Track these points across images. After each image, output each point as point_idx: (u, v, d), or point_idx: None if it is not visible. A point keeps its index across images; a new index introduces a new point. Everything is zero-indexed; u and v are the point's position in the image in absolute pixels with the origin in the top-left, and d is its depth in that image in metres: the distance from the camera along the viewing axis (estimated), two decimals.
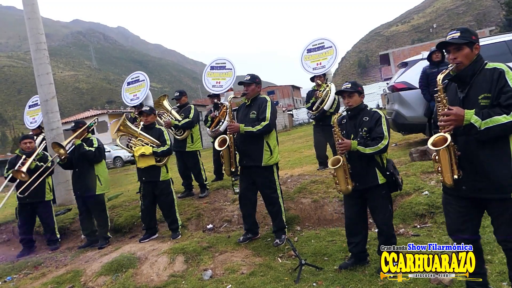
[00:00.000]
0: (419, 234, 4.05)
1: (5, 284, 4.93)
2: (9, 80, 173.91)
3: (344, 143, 3.28)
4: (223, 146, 4.33)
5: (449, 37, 2.47)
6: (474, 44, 2.42)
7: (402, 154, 6.63)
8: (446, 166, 2.35)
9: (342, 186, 3.35)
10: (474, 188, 2.38)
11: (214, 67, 7.40)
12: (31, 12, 8.13)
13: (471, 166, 2.37)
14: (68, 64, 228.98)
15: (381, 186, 3.34)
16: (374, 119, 3.37)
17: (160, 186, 5.25)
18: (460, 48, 2.41)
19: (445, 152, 2.33)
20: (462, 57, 2.41)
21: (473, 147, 2.34)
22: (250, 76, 4.53)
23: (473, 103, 2.35)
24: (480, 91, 2.35)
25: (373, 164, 3.34)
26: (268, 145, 4.40)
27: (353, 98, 3.46)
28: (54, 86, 8.33)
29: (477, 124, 2.22)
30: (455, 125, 2.28)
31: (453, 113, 2.27)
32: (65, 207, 7.55)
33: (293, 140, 16.19)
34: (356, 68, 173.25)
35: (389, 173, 3.34)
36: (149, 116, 5.34)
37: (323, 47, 7.08)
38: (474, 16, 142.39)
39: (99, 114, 31.84)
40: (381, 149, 3.25)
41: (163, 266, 4.23)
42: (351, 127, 3.47)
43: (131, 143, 5.18)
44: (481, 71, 2.39)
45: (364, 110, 3.49)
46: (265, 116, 4.33)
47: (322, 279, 3.41)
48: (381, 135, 3.27)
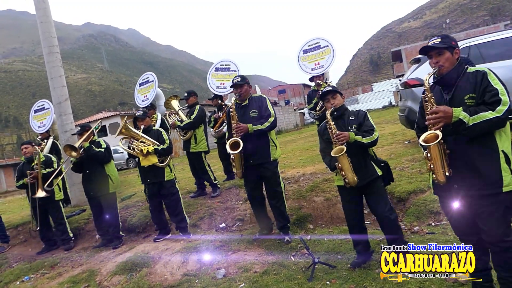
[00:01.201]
0: (434, 232, 4.00)
1: (23, 284, 5.03)
2: (23, 84, 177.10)
3: (343, 134, 3.34)
4: (236, 149, 4.26)
5: (430, 42, 2.62)
6: (454, 49, 2.57)
7: (416, 151, 6.55)
8: (438, 163, 2.44)
9: (349, 177, 3.33)
10: (465, 185, 2.45)
11: (218, 68, 7.42)
12: (43, 16, 8.25)
13: (462, 164, 2.45)
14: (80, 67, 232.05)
15: (379, 178, 3.48)
16: (361, 116, 3.56)
17: (166, 185, 5.29)
18: (441, 52, 2.56)
19: (436, 149, 2.40)
20: (443, 61, 2.55)
21: (462, 144, 2.44)
22: (241, 78, 4.66)
23: (459, 103, 2.46)
24: (465, 92, 2.47)
25: (369, 158, 3.49)
26: (272, 140, 4.54)
27: (336, 98, 3.61)
28: (67, 89, 8.44)
29: (465, 120, 2.31)
30: (445, 122, 2.36)
31: (442, 111, 2.36)
32: (80, 207, 7.65)
33: (305, 139, 16.13)
34: (367, 65, 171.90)
35: (383, 164, 3.51)
36: (144, 120, 5.42)
37: (319, 47, 7.04)
38: (488, 10, 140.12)
39: (112, 116, 32.12)
40: (375, 139, 3.41)
41: (177, 265, 4.26)
42: (340, 127, 3.51)
43: (133, 145, 5.24)
44: (464, 74, 2.53)
45: (347, 110, 3.65)
46: (270, 112, 4.48)
47: (335, 277, 3.40)
48: (372, 127, 3.45)
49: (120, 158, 23.68)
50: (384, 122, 14.51)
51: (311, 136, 16.75)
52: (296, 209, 5.33)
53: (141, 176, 5.45)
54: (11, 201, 16.14)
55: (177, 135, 6.88)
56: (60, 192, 6.34)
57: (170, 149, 5.35)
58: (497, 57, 5.99)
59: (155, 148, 5.17)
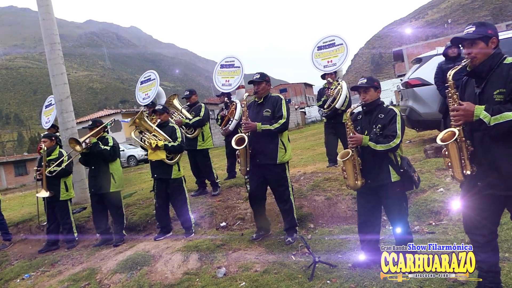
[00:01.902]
0: (435, 232, 4.00)
1: (23, 281, 5.03)
2: (25, 81, 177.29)
3: (355, 137, 3.26)
4: (241, 145, 4.26)
5: (464, 31, 2.45)
6: (491, 38, 2.38)
7: (417, 151, 6.55)
8: (456, 161, 2.37)
9: (350, 181, 3.33)
10: (489, 184, 2.36)
11: (224, 65, 7.38)
12: (45, 13, 8.25)
13: (487, 162, 2.35)
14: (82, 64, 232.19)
15: (395, 184, 3.28)
16: (389, 117, 3.32)
17: (172, 184, 5.28)
18: (474, 43, 2.39)
19: (454, 146, 2.34)
20: (476, 52, 2.38)
21: (488, 142, 2.33)
22: (260, 75, 4.52)
23: (488, 98, 2.34)
24: (495, 87, 2.31)
25: (387, 161, 3.30)
26: (283, 143, 4.42)
27: (368, 93, 3.41)
28: (69, 86, 8.45)
29: (486, 120, 2.22)
30: (465, 120, 2.28)
31: (462, 109, 2.27)
32: (81, 205, 7.66)
33: (306, 138, 16.13)
34: (369, 65, 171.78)
35: (403, 171, 3.26)
36: (162, 115, 5.42)
37: (333, 45, 7.01)
38: (490, 10, 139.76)
39: (113, 114, 32.16)
40: (392, 147, 3.21)
41: (177, 264, 4.26)
42: (366, 123, 3.43)
43: (145, 137, 5.23)
44: (498, 66, 2.34)
45: (380, 106, 3.44)
46: (282, 114, 4.35)
47: (336, 276, 3.40)
48: (394, 133, 3.22)
49: (122, 156, 23.63)
50: None
51: (312, 135, 16.75)
52: (297, 208, 5.32)
53: (151, 170, 5.45)
54: (11, 198, 16.15)
55: None
56: (67, 192, 6.20)
57: (182, 147, 5.29)
58: None
59: (165, 144, 5.15)
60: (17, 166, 40.21)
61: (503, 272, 2.82)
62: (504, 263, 2.94)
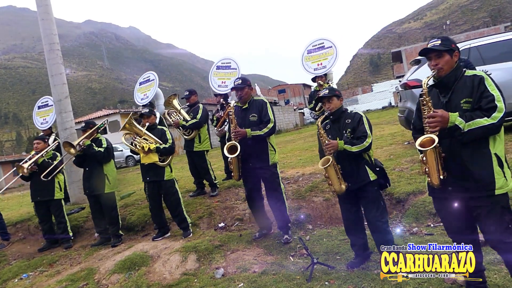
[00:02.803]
0: (433, 233, 4.00)
1: (22, 281, 5.02)
2: (24, 81, 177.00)
3: (331, 143, 3.39)
4: (234, 153, 4.27)
5: (430, 44, 2.60)
6: (454, 51, 2.56)
7: (415, 152, 6.55)
8: (433, 167, 2.46)
9: (336, 186, 3.43)
10: (460, 188, 2.48)
11: (220, 67, 7.39)
12: (44, 13, 8.24)
13: (456, 167, 2.47)
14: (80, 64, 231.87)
15: (372, 183, 3.44)
16: (356, 120, 3.50)
17: (165, 185, 5.28)
18: (441, 55, 2.55)
19: (432, 153, 2.42)
20: (443, 63, 2.54)
21: (457, 148, 2.46)
22: (241, 80, 4.59)
23: (455, 107, 2.49)
24: (461, 96, 2.49)
25: (363, 162, 3.45)
26: (271, 145, 4.52)
27: (332, 102, 3.58)
28: (67, 86, 8.43)
29: (461, 126, 2.34)
30: (441, 127, 2.37)
31: (439, 115, 2.36)
32: (79, 205, 7.65)
33: (304, 139, 16.14)
34: (367, 66, 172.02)
35: (379, 169, 3.46)
36: (150, 118, 5.44)
37: (323, 47, 7.04)
38: (488, 12, 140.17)
39: (111, 114, 32.14)
40: (366, 146, 3.36)
41: (176, 265, 4.26)
42: (336, 131, 3.57)
43: (135, 141, 5.24)
44: (462, 78, 2.53)
45: (344, 113, 3.62)
46: (269, 118, 4.42)
47: (334, 278, 3.40)
48: (365, 133, 3.39)
49: (120, 156, 23.66)
50: (383, 123, 14.53)
51: (310, 136, 16.76)
52: (295, 209, 5.34)
53: (142, 173, 5.46)
54: (9, 198, 16.13)
55: (177, 134, 6.87)
56: (61, 191, 6.31)
57: (172, 149, 5.32)
58: (497, 59, 6.00)
59: (157, 146, 5.16)
60: None
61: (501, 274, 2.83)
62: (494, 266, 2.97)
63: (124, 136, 5.52)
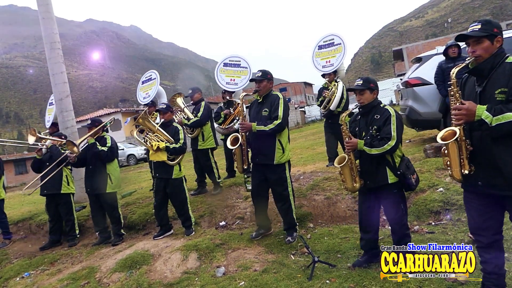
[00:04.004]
0: (434, 232, 4.00)
1: (23, 280, 5.03)
2: (25, 80, 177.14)
3: (351, 142, 3.30)
4: (236, 144, 4.32)
5: (470, 29, 2.40)
6: (496, 37, 2.33)
7: (417, 150, 6.55)
8: (455, 160, 2.35)
9: (348, 184, 3.39)
10: (489, 184, 2.34)
11: (227, 64, 7.34)
12: (45, 12, 8.24)
13: (486, 162, 2.32)
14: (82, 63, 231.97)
15: (392, 185, 3.29)
16: (383, 118, 3.30)
17: (172, 183, 5.28)
18: (479, 41, 2.33)
19: (454, 146, 2.32)
20: (481, 50, 2.33)
21: (488, 142, 2.30)
22: (262, 73, 4.45)
23: (489, 97, 2.30)
24: (497, 86, 2.27)
25: (384, 163, 3.30)
26: (280, 143, 4.36)
27: (364, 95, 3.40)
28: (68, 85, 8.45)
29: (487, 120, 2.18)
30: (466, 120, 2.25)
31: (465, 108, 2.23)
32: (80, 204, 7.66)
33: (306, 137, 16.13)
34: (369, 64, 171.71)
35: (400, 173, 3.24)
36: (166, 114, 5.43)
37: (332, 44, 7.01)
38: (490, 9, 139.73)
39: (113, 113, 32.11)
40: (387, 150, 3.19)
41: (177, 263, 4.26)
42: (363, 124, 3.45)
43: (147, 137, 5.23)
44: (501, 65, 2.30)
45: (376, 107, 3.42)
46: (278, 114, 4.27)
47: (335, 276, 3.39)
48: (389, 135, 3.20)
49: (121, 155, 23.69)
50: None
51: (311, 134, 16.75)
52: (296, 207, 5.32)
53: (152, 169, 5.48)
54: (11, 197, 16.14)
55: None
56: (68, 185, 6.27)
57: (183, 149, 5.29)
58: None
59: (167, 146, 5.14)
60: (17, 164, 40.23)
61: None
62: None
63: (135, 132, 5.49)
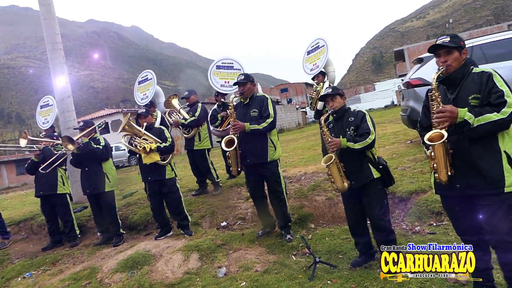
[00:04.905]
0: (435, 232, 3.99)
1: (25, 280, 5.04)
2: (26, 80, 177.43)
3: (334, 141, 3.40)
4: (231, 146, 4.30)
5: (439, 41, 2.60)
6: (463, 49, 2.57)
7: (418, 151, 6.54)
8: (441, 163, 2.44)
9: (338, 184, 3.44)
10: (467, 185, 2.46)
11: (220, 66, 7.37)
12: (47, 13, 8.26)
13: (464, 164, 2.46)
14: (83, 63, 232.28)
15: (376, 181, 3.43)
16: (359, 117, 3.52)
17: (167, 184, 5.30)
18: (450, 51, 2.55)
19: (441, 148, 2.41)
20: (451, 60, 2.55)
21: (465, 144, 2.45)
22: (244, 76, 4.61)
23: (463, 103, 2.46)
24: (469, 92, 2.48)
25: (366, 160, 3.45)
26: (272, 141, 4.49)
27: (336, 100, 3.60)
28: (70, 86, 8.45)
29: (470, 121, 2.32)
30: (450, 122, 2.36)
31: (448, 110, 2.36)
32: (82, 204, 7.67)
33: (307, 138, 16.13)
34: (370, 65, 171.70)
35: (382, 167, 3.46)
36: (147, 118, 5.47)
37: (318, 47, 7.07)
38: (492, 10, 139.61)
39: (114, 113, 32.19)
40: (369, 143, 3.36)
41: (178, 264, 4.27)
42: (339, 129, 3.58)
43: (135, 142, 5.24)
44: (469, 75, 2.54)
45: (348, 111, 3.64)
46: (269, 113, 4.42)
47: (336, 277, 3.40)
48: (368, 130, 3.39)
49: (122, 155, 23.71)
50: (386, 122, 14.50)
51: (313, 135, 16.74)
52: (297, 208, 5.34)
53: (142, 174, 5.48)
54: (12, 197, 16.19)
55: (179, 133, 6.88)
56: (64, 186, 6.28)
57: (172, 147, 5.36)
58: (500, 57, 5.96)
59: (158, 146, 5.17)
60: (18, 165, 40.24)
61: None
62: None
63: (123, 138, 5.53)
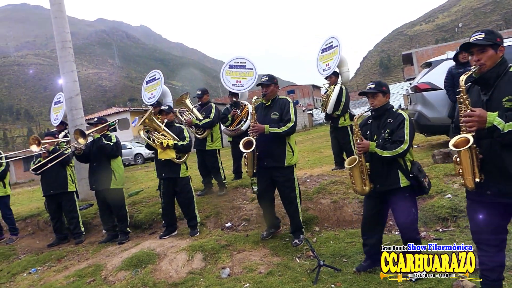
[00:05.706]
0: (441, 238, 3.97)
1: (30, 276, 5.08)
2: (36, 78, 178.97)
3: (363, 144, 3.27)
4: (249, 148, 4.24)
5: (473, 38, 2.42)
6: (499, 46, 2.38)
7: (425, 156, 6.50)
8: (467, 169, 2.32)
9: (358, 187, 3.36)
10: (499, 192, 2.32)
11: (233, 65, 7.35)
12: (57, 11, 8.32)
13: (496, 170, 2.30)
14: (91, 62, 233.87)
15: (403, 189, 3.26)
16: (397, 122, 3.30)
17: (180, 182, 5.31)
18: (484, 49, 2.37)
19: (467, 153, 2.29)
20: (485, 59, 2.37)
21: (497, 150, 2.29)
22: (268, 77, 4.51)
23: (497, 105, 2.30)
24: (504, 94, 2.29)
25: (396, 166, 3.27)
26: (290, 146, 4.41)
27: (376, 98, 3.40)
28: (78, 84, 8.52)
29: (500, 127, 2.17)
30: (478, 127, 2.23)
31: (476, 115, 2.22)
32: (87, 202, 7.71)
33: (313, 140, 16.10)
34: (378, 68, 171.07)
35: (413, 176, 3.24)
36: (168, 115, 5.48)
37: (331, 47, 7.01)
38: (502, 15, 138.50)
39: (121, 112, 32.38)
40: (400, 153, 3.18)
41: (182, 263, 4.27)
42: (375, 128, 3.43)
43: (153, 136, 5.26)
44: (506, 74, 2.35)
45: (389, 111, 3.42)
46: (290, 117, 4.32)
47: (340, 280, 3.38)
48: (402, 139, 3.20)
49: (128, 154, 23.82)
50: None
51: (319, 137, 16.72)
52: (302, 210, 5.31)
53: (157, 170, 5.49)
54: (20, 193, 16.33)
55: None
56: (73, 184, 6.35)
57: (190, 146, 5.35)
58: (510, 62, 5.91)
59: (175, 143, 5.18)
60: (26, 161, 40.59)
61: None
62: None
63: (142, 132, 5.54)
